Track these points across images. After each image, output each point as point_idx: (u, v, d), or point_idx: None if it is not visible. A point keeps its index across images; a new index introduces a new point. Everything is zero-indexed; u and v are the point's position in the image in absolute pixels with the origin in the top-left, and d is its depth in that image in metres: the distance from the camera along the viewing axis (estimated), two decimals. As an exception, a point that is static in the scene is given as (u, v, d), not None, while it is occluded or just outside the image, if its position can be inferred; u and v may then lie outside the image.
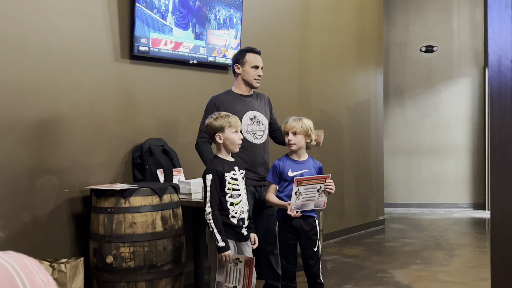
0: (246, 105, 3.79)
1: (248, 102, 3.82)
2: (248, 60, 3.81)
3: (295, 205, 3.26)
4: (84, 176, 3.87)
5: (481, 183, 8.69)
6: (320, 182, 3.29)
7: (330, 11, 6.46)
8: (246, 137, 3.69)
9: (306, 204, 3.30)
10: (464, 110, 8.82)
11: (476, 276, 4.66)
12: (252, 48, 3.88)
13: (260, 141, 3.79)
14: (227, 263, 3.08)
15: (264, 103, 3.94)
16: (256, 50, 3.86)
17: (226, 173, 3.12)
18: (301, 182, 3.22)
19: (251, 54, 3.83)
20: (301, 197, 3.25)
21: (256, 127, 3.79)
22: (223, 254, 3.05)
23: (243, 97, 3.82)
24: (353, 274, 4.81)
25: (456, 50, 8.84)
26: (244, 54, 3.83)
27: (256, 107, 3.84)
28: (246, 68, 3.80)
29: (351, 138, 6.83)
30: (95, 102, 3.96)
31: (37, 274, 0.72)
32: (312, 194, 3.29)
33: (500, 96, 1.11)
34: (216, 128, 3.14)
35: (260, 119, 3.82)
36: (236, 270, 3.10)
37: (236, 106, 3.74)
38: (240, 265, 3.09)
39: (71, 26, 3.81)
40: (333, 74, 6.54)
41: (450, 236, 6.59)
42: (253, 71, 3.80)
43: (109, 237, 3.47)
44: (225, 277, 3.11)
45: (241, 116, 3.69)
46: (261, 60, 3.86)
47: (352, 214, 6.85)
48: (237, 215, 3.16)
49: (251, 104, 3.82)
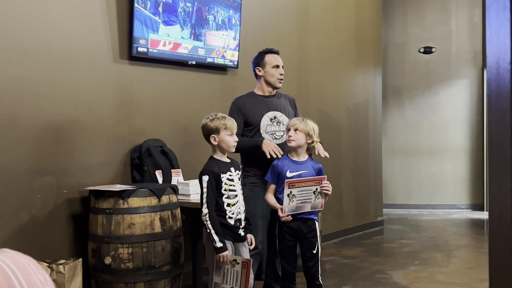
0: (267, 106, 3.81)
1: (269, 102, 3.84)
2: (268, 61, 3.84)
3: (289, 207, 3.25)
4: (83, 177, 3.87)
5: (480, 184, 8.69)
6: (315, 184, 3.28)
7: (328, 12, 6.47)
8: (265, 137, 3.72)
9: (302, 206, 3.29)
10: (462, 111, 8.83)
11: (475, 277, 4.66)
12: (270, 49, 3.91)
13: (279, 141, 3.77)
14: (224, 264, 3.09)
15: (288, 103, 3.95)
16: (274, 50, 3.89)
17: (222, 174, 3.13)
18: (293, 184, 3.22)
19: (270, 55, 3.86)
20: (295, 200, 3.25)
21: (276, 127, 3.79)
22: (220, 255, 3.06)
23: (264, 98, 3.85)
24: (351, 275, 4.82)
25: (454, 51, 8.85)
26: (263, 56, 3.86)
27: (278, 107, 3.85)
28: (268, 69, 3.83)
29: (350, 139, 6.84)
30: (94, 102, 3.96)
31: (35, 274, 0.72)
32: (308, 196, 3.28)
33: (498, 98, 1.11)
34: (211, 129, 3.15)
35: (281, 119, 3.82)
36: (234, 271, 3.10)
37: (257, 107, 3.78)
38: (237, 266, 3.09)
39: (70, 26, 3.81)
40: (332, 75, 6.54)
41: (448, 237, 6.60)
42: (275, 70, 3.83)
43: (107, 238, 3.46)
44: (222, 278, 3.11)
45: (261, 116, 3.75)
46: (280, 59, 3.88)
47: (350, 215, 6.85)
48: (234, 216, 3.17)
49: (272, 105, 3.83)
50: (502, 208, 1.08)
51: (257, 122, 3.75)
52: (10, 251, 0.75)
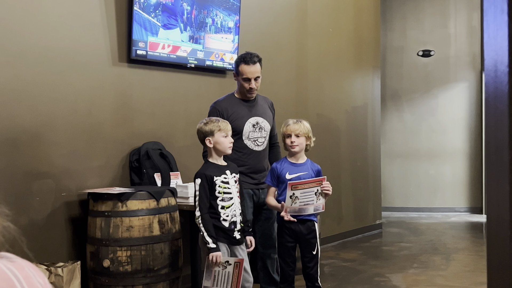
0: (249, 111, 3.70)
1: (251, 107, 3.72)
2: (240, 71, 3.62)
3: (292, 209, 3.25)
4: (82, 180, 3.87)
5: (478, 187, 8.69)
6: (316, 185, 3.28)
7: (327, 15, 6.48)
8: (246, 144, 3.65)
9: (305, 209, 3.29)
10: (461, 114, 8.83)
11: (473, 280, 4.66)
12: (245, 58, 3.62)
13: (260, 148, 3.73)
14: (214, 266, 3.09)
15: (267, 106, 3.85)
16: (247, 60, 3.60)
17: (216, 177, 3.15)
18: (296, 186, 3.22)
19: (243, 65, 3.60)
20: (297, 201, 3.25)
21: (258, 134, 3.71)
22: (211, 254, 3.06)
23: (245, 103, 3.72)
24: (350, 278, 4.81)
25: (453, 55, 8.86)
26: (238, 64, 3.65)
27: (259, 112, 3.75)
28: (240, 79, 3.65)
29: (348, 142, 6.84)
30: (93, 105, 3.96)
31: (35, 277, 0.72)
32: (310, 198, 3.28)
33: (496, 100, 1.11)
34: (206, 132, 3.17)
35: (263, 125, 3.74)
36: (225, 273, 3.10)
37: (239, 112, 3.66)
38: (229, 268, 3.09)
39: (69, 29, 3.81)
40: (331, 78, 6.55)
41: (447, 240, 6.60)
42: (246, 83, 3.61)
43: (106, 241, 3.46)
44: (212, 281, 3.10)
45: (244, 122, 3.64)
46: (255, 70, 3.61)
47: (349, 218, 6.85)
48: (229, 219, 3.17)
49: (254, 110, 3.72)
50: (500, 211, 1.08)
51: (240, 129, 3.63)
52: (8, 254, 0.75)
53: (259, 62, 3.66)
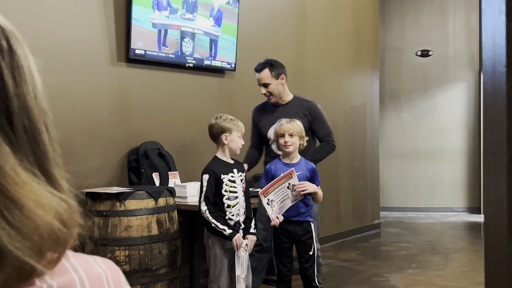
0: (273, 117, 3.75)
1: (276, 113, 3.82)
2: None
3: (274, 213, 3.24)
4: (80, 179, 3.86)
5: (477, 187, 8.70)
6: (286, 180, 3.25)
7: (326, 15, 6.48)
8: (273, 148, 3.58)
9: (284, 205, 3.28)
10: (459, 114, 8.84)
11: (472, 280, 4.66)
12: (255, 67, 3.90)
13: None
14: (239, 248, 3.14)
15: (299, 112, 3.84)
16: (255, 69, 3.89)
17: (223, 175, 3.16)
18: (267, 192, 3.19)
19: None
20: (275, 203, 3.24)
21: None
22: (234, 239, 3.11)
23: (275, 107, 3.89)
24: (348, 278, 4.81)
25: (451, 55, 8.87)
26: None
27: (283, 117, 3.72)
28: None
29: (347, 142, 6.84)
30: (91, 105, 3.95)
31: (126, 284, 0.66)
32: (285, 193, 3.25)
33: (494, 100, 1.11)
34: (225, 128, 3.20)
35: None
36: (245, 258, 3.21)
37: (264, 118, 3.87)
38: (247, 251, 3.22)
39: (67, 29, 3.81)
40: (329, 78, 6.55)
41: (445, 240, 6.60)
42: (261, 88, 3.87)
43: (104, 241, 3.46)
44: (241, 268, 3.16)
45: (267, 128, 3.63)
46: (260, 77, 3.84)
47: (347, 218, 6.85)
48: (234, 217, 3.20)
49: (278, 116, 3.69)
50: (498, 211, 1.09)
51: (265, 134, 3.72)
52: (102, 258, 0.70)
53: (266, 68, 3.82)
